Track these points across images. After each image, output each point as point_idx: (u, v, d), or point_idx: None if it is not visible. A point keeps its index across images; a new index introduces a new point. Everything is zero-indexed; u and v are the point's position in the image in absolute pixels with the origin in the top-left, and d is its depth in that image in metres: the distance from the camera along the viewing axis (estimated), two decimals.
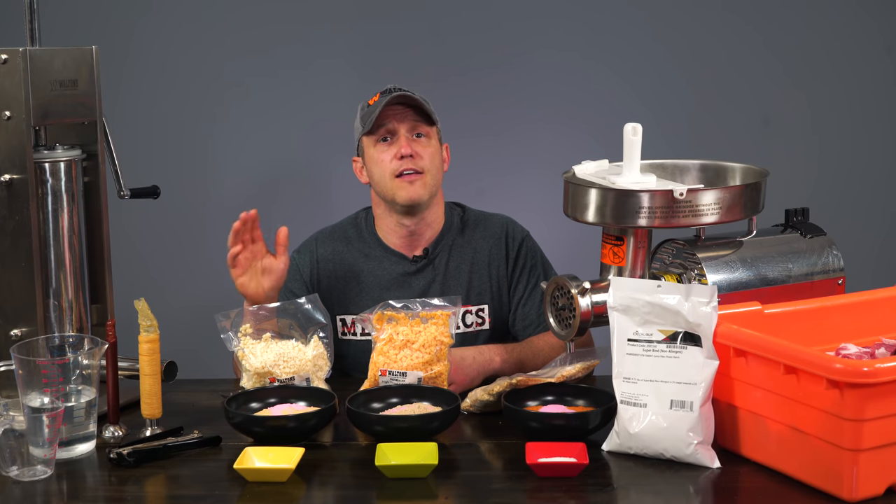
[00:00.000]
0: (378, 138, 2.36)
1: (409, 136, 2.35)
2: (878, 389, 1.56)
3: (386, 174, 2.34)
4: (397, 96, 2.32)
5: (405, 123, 2.34)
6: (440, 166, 2.39)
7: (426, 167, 2.34)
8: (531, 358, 2.29)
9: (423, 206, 2.36)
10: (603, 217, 1.94)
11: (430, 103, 2.39)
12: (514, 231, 2.47)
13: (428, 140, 2.37)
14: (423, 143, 2.36)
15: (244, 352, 2.08)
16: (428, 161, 2.34)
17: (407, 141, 2.33)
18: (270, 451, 1.76)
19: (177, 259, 3.35)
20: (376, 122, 2.34)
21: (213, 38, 3.29)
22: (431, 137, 2.38)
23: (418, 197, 2.33)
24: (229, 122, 3.33)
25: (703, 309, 1.77)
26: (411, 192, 2.33)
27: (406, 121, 2.34)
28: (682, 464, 1.76)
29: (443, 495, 1.69)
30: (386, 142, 2.35)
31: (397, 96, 2.32)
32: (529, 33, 3.29)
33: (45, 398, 1.79)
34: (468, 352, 2.23)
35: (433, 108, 2.40)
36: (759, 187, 1.99)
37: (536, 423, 1.86)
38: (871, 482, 1.60)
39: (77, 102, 2.07)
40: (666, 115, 3.21)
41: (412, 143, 2.34)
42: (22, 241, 1.99)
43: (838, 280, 2.06)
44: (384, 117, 2.34)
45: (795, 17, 3.29)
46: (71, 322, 2.09)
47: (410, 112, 2.34)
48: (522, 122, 3.30)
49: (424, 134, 2.36)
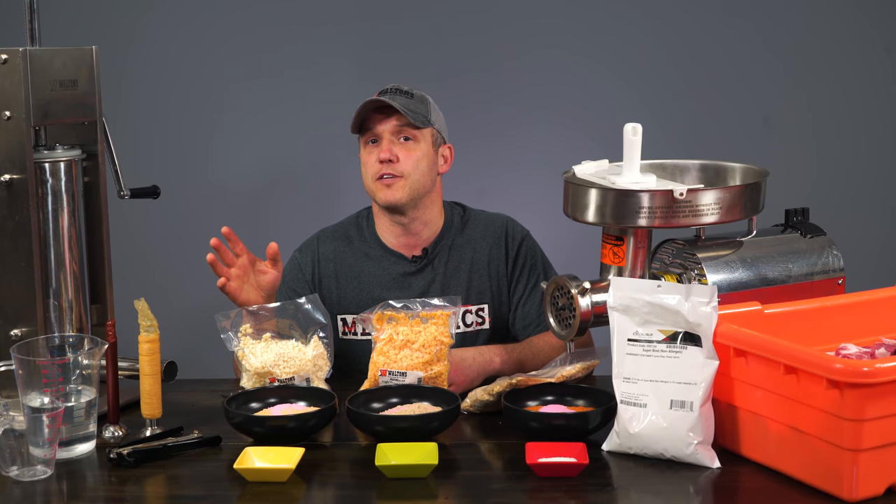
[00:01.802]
0: (366, 140, 2.37)
1: (393, 139, 2.35)
2: (878, 389, 1.56)
3: (368, 175, 2.37)
4: (375, 102, 2.32)
5: (388, 127, 2.34)
6: (428, 169, 2.38)
7: (406, 171, 2.34)
8: (531, 358, 2.29)
9: (405, 208, 2.37)
10: (603, 217, 1.94)
11: (430, 103, 2.39)
12: (513, 230, 2.46)
13: (415, 143, 2.36)
14: (409, 146, 2.35)
15: (244, 352, 2.08)
16: (410, 165, 2.34)
17: (388, 144, 2.34)
18: (270, 451, 1.76)
19: (177, 259, 3.35)
20: (363, 125, 2.35)
21: (213, 37, 3.29)
22: (420, 140, 2.36)
23: (395, 200, 2.34)
24: (229, 121, 3.33)
25: (703, 309, 1.77)
26: (388, 194, 2.34)
27: (389, 124, 2.34)
28: (682, 464, 1.76)
29: (443, 495, 1.69)
30: (374, 143, 2.36)
31: (375, 102, 2.32)
32: (530, 34, 3.29)
33: (45, 398, 1.79)
34: (468, 353, 2.23)
35: (434, 107, 2.40)
36: (759, 187, 1.99)
37: (536, 423, 1.86)
38: (871, 482, 1.61)
39: (77, 102, 2.07)
40: (666, 115, 3.21)
41: (395, 146, 2.34)
42: (22, 241, 1.99)
43: (838, 280, 2.06)
44: (369, 120, 2.35)
45: (795, 18, 3.29)
46: (71, 322, 2.09)
47: (395, 115, 2.34)
48: (523, 123, 3.30)
49: (411, 137, 2.36)
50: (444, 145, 2.44)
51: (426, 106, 2.38)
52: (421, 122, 2.35)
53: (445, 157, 2.45)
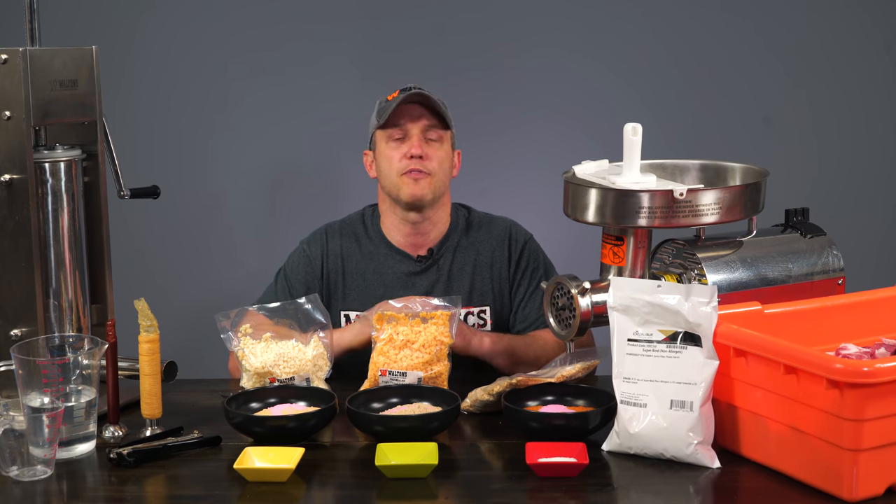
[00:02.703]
0: (391, 135, 2.37)
1: (421, 136, 2.35)
2: (878, 389, 1.56)
3: (393, 171, 2.36)
4: (415, 94, 2.33)
5: (419, 124, 2.35)
6: (448, 171, 2.40)
7: (434, 170, 2.35)
8: (522, 347, 2.29)
9: (426, 206, 2.37)
10: (603, 217, 1.94)
11: (448, 109, 2.40)
12: (517, 234, 2.47)
13: (440, 144, 2.37)
14: (435, 146, 2.36)
15: (244, 352, 2.08)
16: (436, 164, 2.35)
17: (419, 141, 2.34)
18: (270, 451, 1.76)
19: (177, 259, 3.35)
20: (391, 119, 2.35)
21: (214, 36, 3.28)
22: (443, 142, 2.38)
23: (422, 195, 2.34)
24: (229, 121, 3.33)
25: (703, 309, 1.77)
26: (415, 189, 2.34)
27: (421, 121, 2.35)
28: (682, 464, 1.76)
29: (443, 495, 1.69)
30: (398, 140, 2.36)
31: (415, 94, 2.33)
32: (530, 33, 3.29)
33: (45, 398, 1.79)
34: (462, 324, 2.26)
35: (450, 113, 2.41)
36: (759, 187, 1.98)
37: (536, 423, 1.86)
38: (871, 482, 1.60)
39: (77, 102, 2.07)
40: (666, 115, 3.21)
41: (423, 144, 2.35)
42: (22, 241, 1.99)
43: (838, 280, 2.06)
44: (400, 115, 2.35)
45: (795, 17, 3.29)
46: (71, 322, 2.09)
47: (426, 113, 2.35)
48: (523, 123, 3.30)
49: (437, 138, 2.37)
50: (456, 150, 2.45)
51: (446, 109, 2.39)
52: (448, 123, 2.37)
53: (455, 163, 2.46)
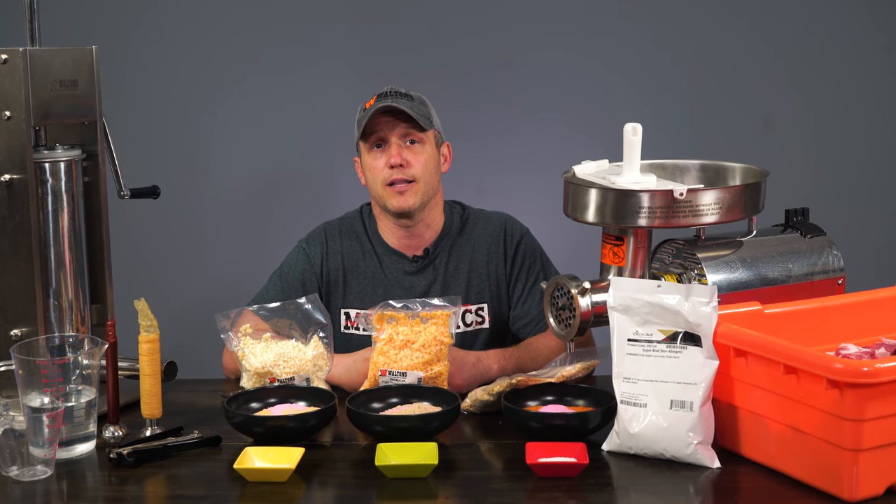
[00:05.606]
0: (371, 144, 2.36)
1: (400, 143, 2.34)
2: (878, 389, 1.56)
3: (378, 181, 2.35)
4: (384, 107, 2.31)
5: (396, 131, 2.34)
6: (435, 171, 2.39)
7: (418, 174, 2.34)
8: (529, 362, 2.28)
9: (415, 213, 2.36)
10: (603, 217, 1.94)
11: (429, 104, 2.39)
12: (512, 229, 2.46)
13: (422, 146, 2.36)
14: (416, 149, 2.35)
15: (244, 352, 2.08)
16: (420, 168, 2.34)
17: (398, 149, 2.33)
18: (270, 451, 1.76)
19: (177, 259, 3.35)
20: (367, 129, 2.34)
21: (213, 38, 3.29)
22: (426, 143, 2.37)
23: (409, 206, 2.34)
24: (229, 122, 3.33)
25: (703, 309, 1.77)
26: (401, 201, 2.33)
27: (397, 128, 2.34)
28: (682, 464, 1.76)
29: (443, 495, 1.69)
30: (379, 148, 2.35)
31: (384, 107, 2.31)
32: (529, 34, 3.29)
33: (45, 398, 1.79)
34: (469, 357, 2.20)
35: (432, 107, 2.40)
36: (759, 187, 1.98)
37: (536, 423, 1.86)
38: (871, 482, 1.60)
39: (77, 102, 2.07)
40: (666, 115, 3.21)
41: (403, 150, 2.34)
42: (22, 241, 1.99)
43: (838, 280, 2.06)
44: (375, 124, 2.34)
45: (795, 18, 3.29)
46: (71, 322, 2.09)
47: (402, 119, 2.34)
48: (522, 123, 3.30)
49: (418, 140, 2.35)
50: (443, 144, 2.44)
51: (426, 107, 2.38)
52: (426, 124, 2.35)
53: (445, 156, 2.45)
